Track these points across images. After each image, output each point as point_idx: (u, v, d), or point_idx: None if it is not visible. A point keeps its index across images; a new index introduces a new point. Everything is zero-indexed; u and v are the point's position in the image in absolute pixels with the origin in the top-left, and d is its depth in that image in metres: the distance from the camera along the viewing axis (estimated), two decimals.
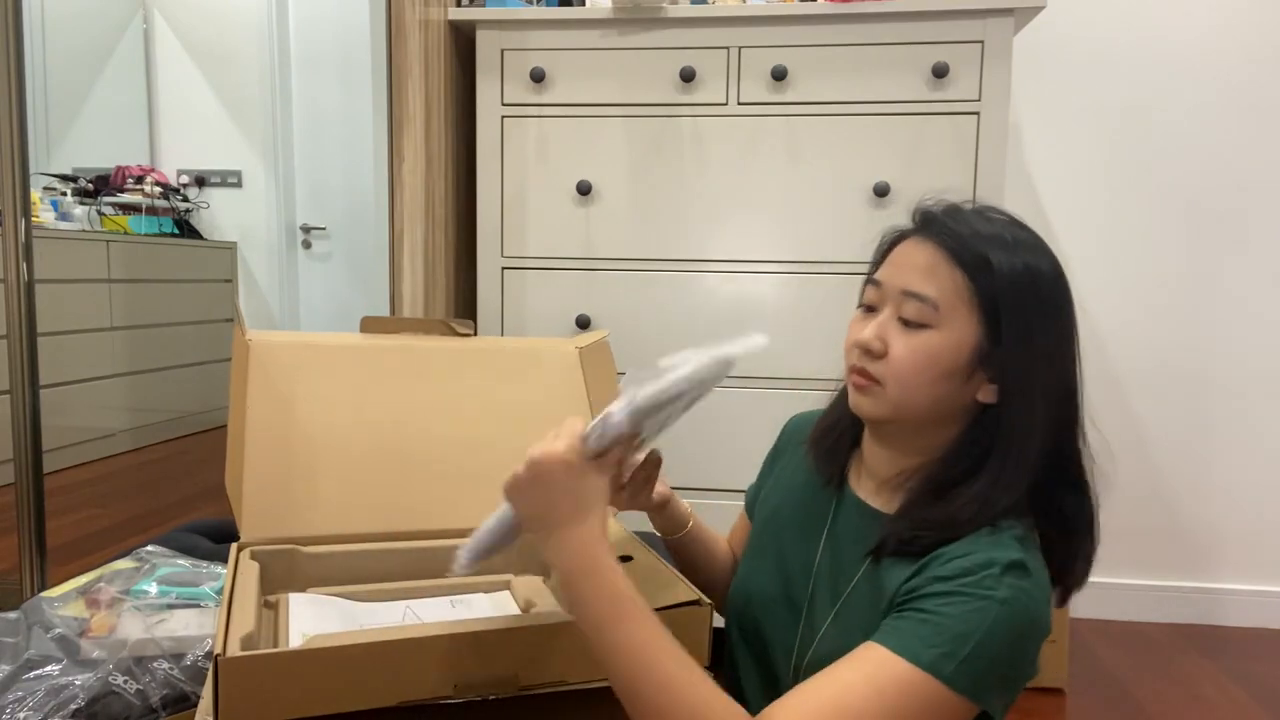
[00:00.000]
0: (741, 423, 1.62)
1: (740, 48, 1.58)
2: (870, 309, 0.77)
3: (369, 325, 1.01)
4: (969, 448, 0.73)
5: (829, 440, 0.84)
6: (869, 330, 0.74)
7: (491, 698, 0.62)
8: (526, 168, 1.66)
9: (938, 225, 0.74)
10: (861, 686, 0.61)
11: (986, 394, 0.72)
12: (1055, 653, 1.70)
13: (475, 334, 1.04)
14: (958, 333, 0.71)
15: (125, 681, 0.80)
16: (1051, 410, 0.71)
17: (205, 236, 3.76)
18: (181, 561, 1.00)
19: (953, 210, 0.76)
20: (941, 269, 0.71)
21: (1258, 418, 2.04)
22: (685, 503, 0.94)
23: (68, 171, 3.39)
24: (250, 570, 0.75)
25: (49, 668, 0.80)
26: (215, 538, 1.16)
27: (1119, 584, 2.07)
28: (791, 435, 0.95)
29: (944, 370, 0.71)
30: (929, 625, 0.63)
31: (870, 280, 0.78)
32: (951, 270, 0.71)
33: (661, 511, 0.90)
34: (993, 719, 0.66)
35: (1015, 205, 1.99)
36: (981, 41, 1.53)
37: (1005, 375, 0.71)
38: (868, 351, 0.74)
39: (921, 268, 0.72)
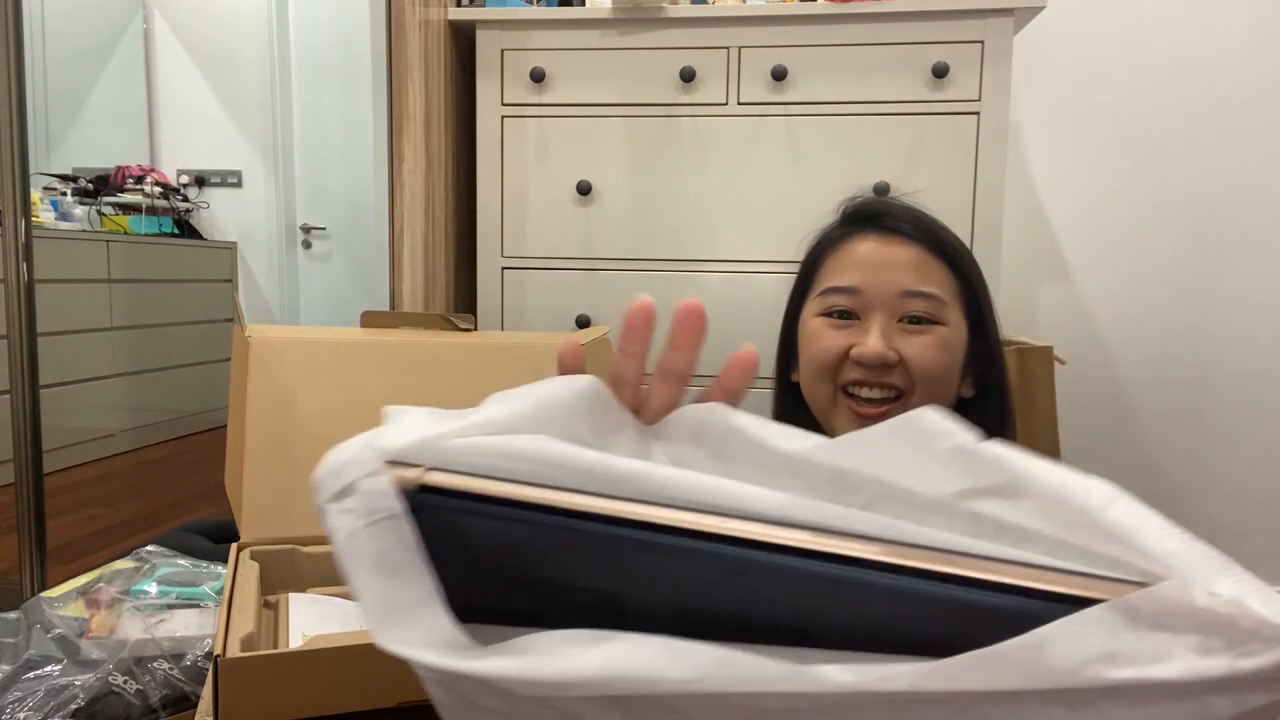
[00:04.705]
0: None
1: (740, 48, 1.58)
2: (845, 315, 0.69)
3: (369, 320, 1.01)
4: None
5: None
6: (877, 341, 0.66)
7: None
8: (526, 168, 1.66)
9: (894, 220, 0.70)
10: None
11: (966, 388, 0.70)
12: None
13: (475, 329, 1.04)
14: (958, 327, 0.68)
15: (125, 682, 0.80)
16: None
17: (205, 236, 3.76)
18: (181, 561, 1.00)
19: (890, 204, 0.72)
20: (931, 264, 0.68)
21: (1258, 418, 2.04)
22: None
23: (68, 171, 3.38)
24: (250, 570, 0.75)
25: (49, 668, 0.80)
26: (215, 538, 1.16)
27: None
28: None
29: (955, 365, 0.68)
30: None
31: (837, 290, 0.70)
32: (939, 265, 0.68)
33: None
34: None
35: (1015, 205, 2.01)
36: (981, 41, 1.53)
37: (986, 367, 0.70)
38: (884, 365, 0.66)
39: (911, 264, 0.68)
